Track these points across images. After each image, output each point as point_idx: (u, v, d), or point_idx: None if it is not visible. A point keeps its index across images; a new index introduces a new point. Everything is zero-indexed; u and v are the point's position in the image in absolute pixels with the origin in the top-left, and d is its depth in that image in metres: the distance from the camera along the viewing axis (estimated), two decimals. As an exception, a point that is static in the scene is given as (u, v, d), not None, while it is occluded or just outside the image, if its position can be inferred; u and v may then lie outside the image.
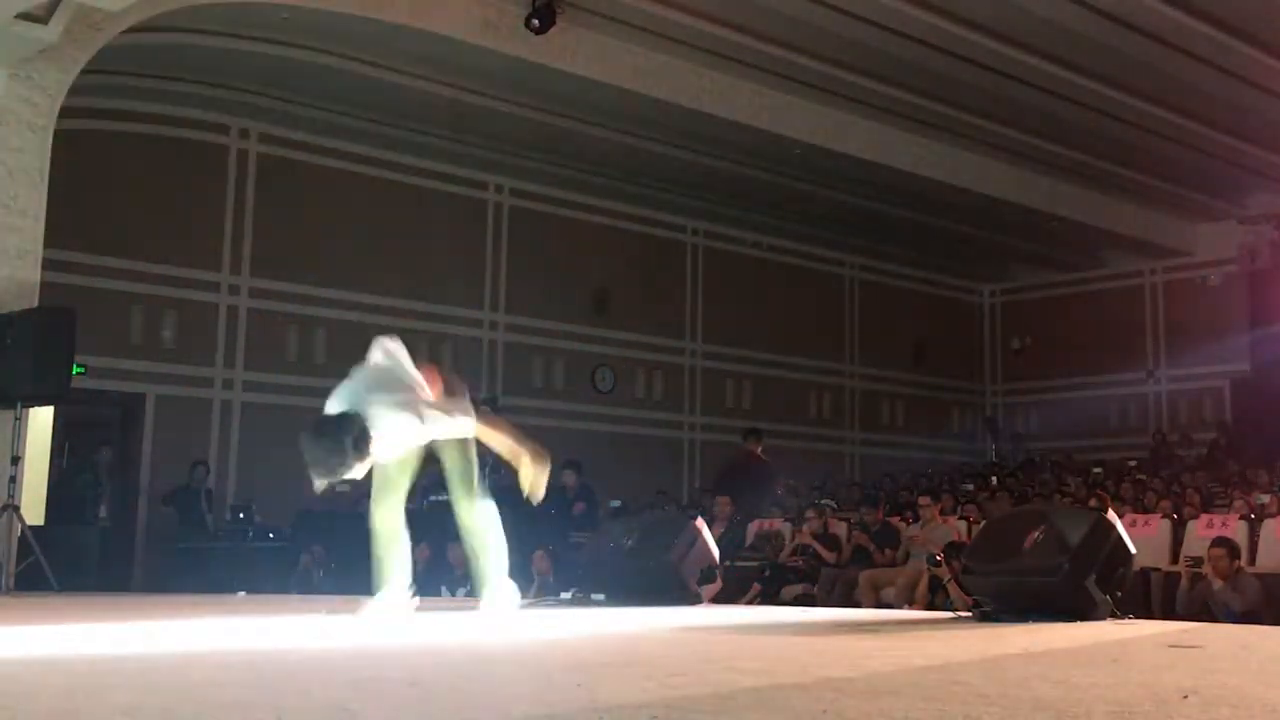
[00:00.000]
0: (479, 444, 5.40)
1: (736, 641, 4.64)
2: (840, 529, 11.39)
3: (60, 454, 12.06)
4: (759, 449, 12.88)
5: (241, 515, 12.67)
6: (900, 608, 9.27)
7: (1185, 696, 2.78)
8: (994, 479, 16.17)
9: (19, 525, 9.06)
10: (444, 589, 10.43)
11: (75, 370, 9.96)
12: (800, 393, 19.45)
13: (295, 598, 8.63)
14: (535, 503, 5.48)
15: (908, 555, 10.42)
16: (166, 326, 13.79)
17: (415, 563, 10.47)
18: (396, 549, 5.61)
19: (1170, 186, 17.55)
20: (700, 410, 18.26)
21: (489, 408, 14.59)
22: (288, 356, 14.29)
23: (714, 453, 17.99)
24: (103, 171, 13.16)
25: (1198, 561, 8.60)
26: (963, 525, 10.84)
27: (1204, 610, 8.17)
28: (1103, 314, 20.33)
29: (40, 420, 10.02)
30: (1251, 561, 9.26)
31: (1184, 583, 8.67)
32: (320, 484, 4.68)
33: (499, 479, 13.30)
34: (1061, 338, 20.78)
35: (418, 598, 5.79)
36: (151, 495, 13.30)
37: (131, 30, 10.49)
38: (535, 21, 11.68)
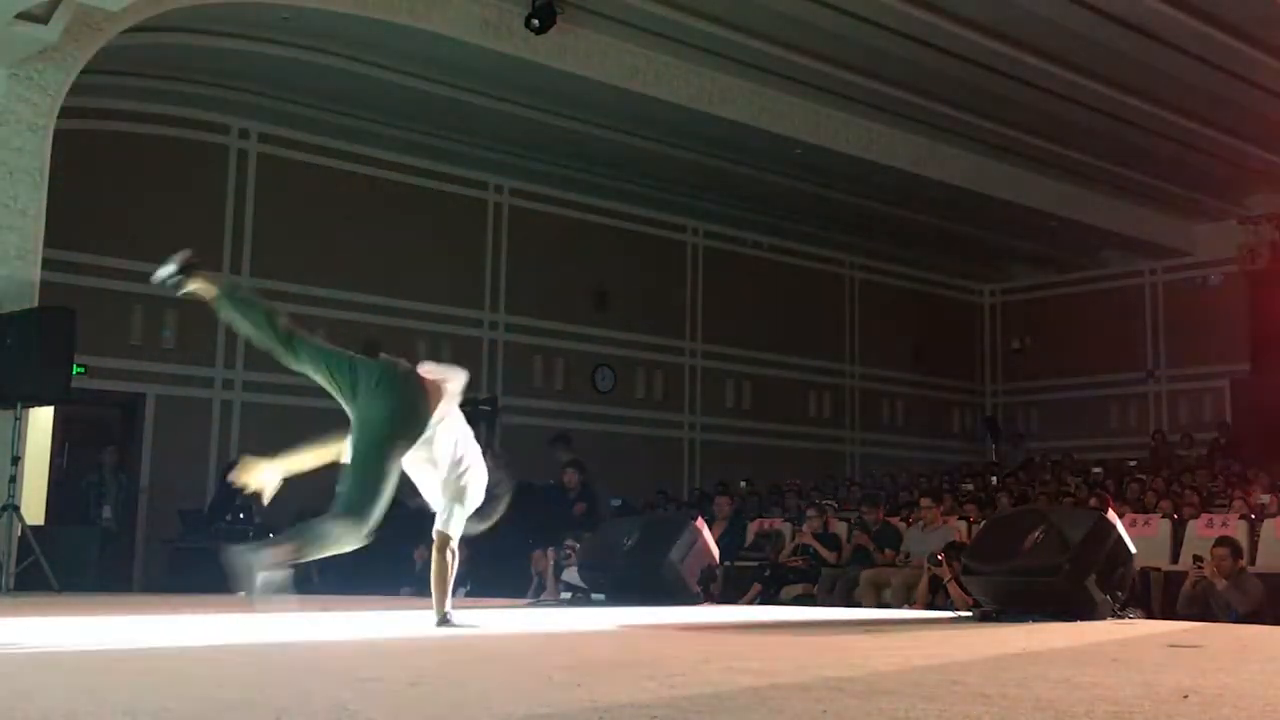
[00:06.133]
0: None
1: (736, 641, 4.65)
2: (840, 529, 11.38)
3: (60, 454, 12.04)
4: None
5: (242, 515, 12.64)
6: (900, 608, 9.27)
7: (1185, 696, 2.78)
8: (994, 479, 16.15)
9: (19, 525, 9.06)
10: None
11: (75, 370, 9.96)
12: (800, 393, 19.44)
13: (295, 598, 8.62)
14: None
15: (908, 555, 10.41)
16: (166, 326, 13.78)
17: (414, 563, 10.42)
18: None
19: (1170, 186, 17.53)
20: (700, 410, 18.26)
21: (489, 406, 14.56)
22: (288, 356, 14.22)
23: (714, 453, 17.99)
24: (103, 171, 13.15)
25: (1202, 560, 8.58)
26: (963, 525, 10.83)
27: (1205, 610, 8.16)
28: (1103, 314, 20.32)
29: (40, 420, 10.03)
30: (1252, 562, 9.25)
31: (1187, 582, 8.66)
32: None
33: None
34: (1061, 338, 20.76)
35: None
36: (152, 495, 13.29)
37: (131, 30, 10.49)
38: (535, 21, 11.67)
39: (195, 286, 4.92)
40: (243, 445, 13.96)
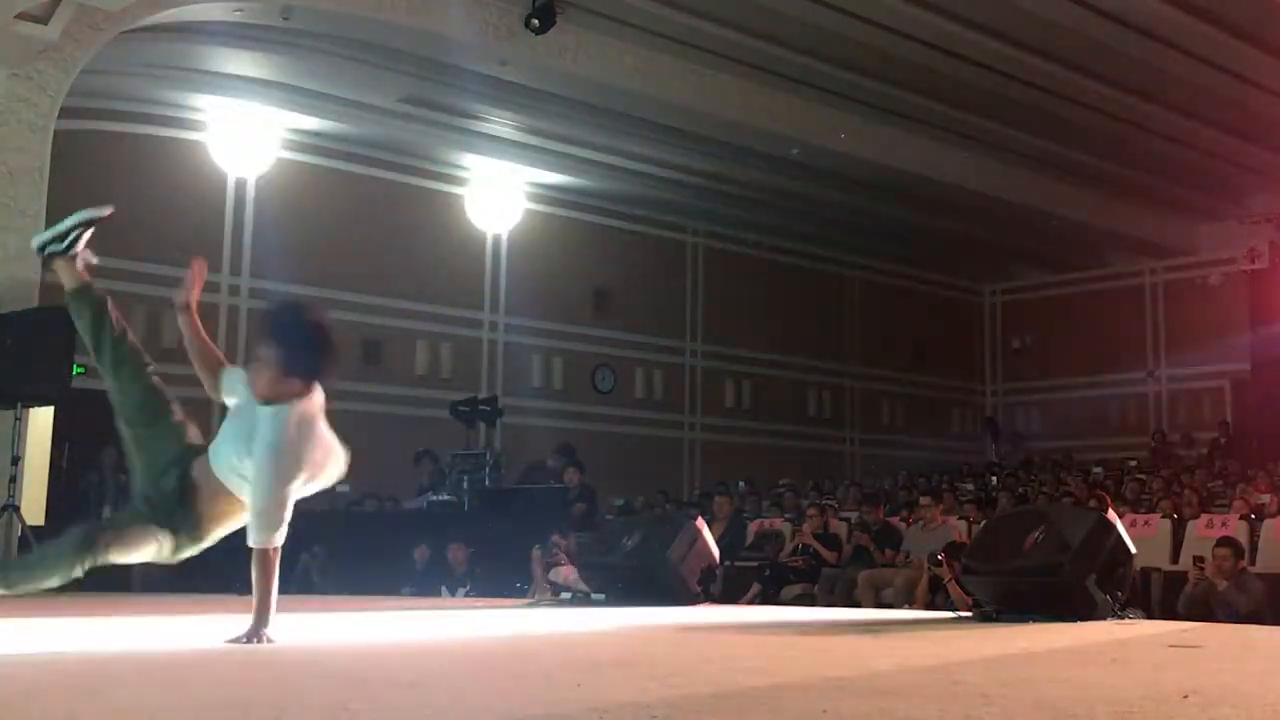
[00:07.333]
0: None
1: (736, 641, 4.65)
2: (840, 529, 11.38)
3: (60, 454, 12.03)
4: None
5: (241, 515, 12.64)
6: (900, 608, 9.26)
7: (1185, 696, 2.78)
8: (994, 479, 16.15)
9: (19, 525, 9.05)
10: (444, 589, 10.42)
11: (75, 370, 9.95)
12: (800, 393, 19.44)
13: (294, 598, 8.62)
14: None
15: (908, 555, 10.41)
16: (166, 326, 13.76)
17: (414, 563, 10.37)
18: None
19: (1170, 186, 17.54)
20: (700, 410, 18.25)
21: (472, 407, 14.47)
22: (288, 357, 14.20)
23: (714, 453, 17.99)
24: (102, 171, 13.14)
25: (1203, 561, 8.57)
26: (963, 525, 10.83)
27: (1206, 611, 8.15)
28: (1103, 314, 20.34)
29: (40, 420, 10.01)
30: (1252, 562, 9.24)
31: (1188, 584, 8.64)
32: None
33: (500, 477, 13.17)
34: (1061, 338, 20.79)
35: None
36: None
37: (131, 30, 10.48)
38: (535, 21, 11.68)
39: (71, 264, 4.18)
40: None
